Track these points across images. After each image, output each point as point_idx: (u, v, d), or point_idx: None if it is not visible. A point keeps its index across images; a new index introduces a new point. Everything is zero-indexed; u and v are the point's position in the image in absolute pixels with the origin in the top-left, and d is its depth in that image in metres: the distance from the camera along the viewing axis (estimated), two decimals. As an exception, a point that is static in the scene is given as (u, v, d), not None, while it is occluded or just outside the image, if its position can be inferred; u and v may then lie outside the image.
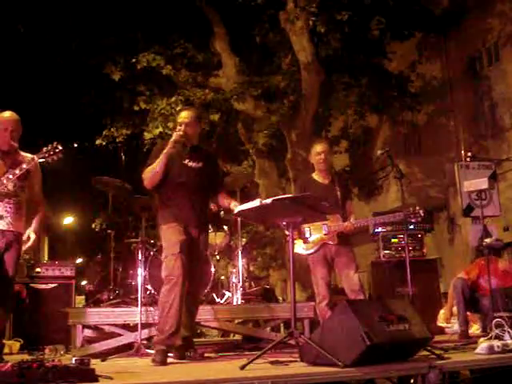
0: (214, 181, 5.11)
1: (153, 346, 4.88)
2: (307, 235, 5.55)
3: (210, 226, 6.88)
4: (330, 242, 5.53)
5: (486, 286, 6.29)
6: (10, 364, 3.26)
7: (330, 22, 10.40)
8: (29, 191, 4.82)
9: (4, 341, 7.06)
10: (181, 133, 4.79)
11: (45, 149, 4.71)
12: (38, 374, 3.18)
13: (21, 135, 4.85)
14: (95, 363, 3.85)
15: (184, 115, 5.05)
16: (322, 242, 5.55)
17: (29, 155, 4.91)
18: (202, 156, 5.05)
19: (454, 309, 7.45)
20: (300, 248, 5.60)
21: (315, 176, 5.81)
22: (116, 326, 6.00)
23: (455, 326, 7.43)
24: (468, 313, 6.87)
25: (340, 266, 5.56)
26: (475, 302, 6.65)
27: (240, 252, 7.02)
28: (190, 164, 4.96)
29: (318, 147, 5.79)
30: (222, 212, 7.18)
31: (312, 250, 5.56)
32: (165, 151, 4.76)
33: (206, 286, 6.27)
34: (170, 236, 4.80)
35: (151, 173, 4.83)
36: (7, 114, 4.80)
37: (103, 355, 5.18)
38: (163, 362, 4.44)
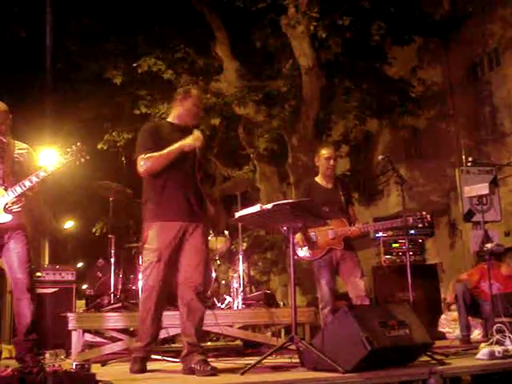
0: (201, 165, 4.67)
1: (130, 354, 4.61)
2: (313, 240, 5.54)
3: (209, 230, 6.94)
4: (337, 247, 5.52)
5: (488, 291, 6.29)
6: (10, 369, 3.25)
7: (331, 27, 10.41)
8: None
9: (4, 345, 7.07)
10: (199, 143, 4.41)
11: (69, 149, 4.69)
12: (38, 379, 3.18)
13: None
14: (95, 368, 3.85)
15: (198, 95, 4.74)
16: (328, 247, 5.53)
17: (23, 145, 4.89)
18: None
19: (455, 314, 7.45)
20: (306, 253, 5.58)
21: (319, 180, 5.80)
22: (116, 330, 6.00)
23: (456, 331, 7.43)
24: (469, 318, 6.87)
25: (345, 271, 5.54)
26: (476, 306, 6.64)
27: (241, 257, 7.02)
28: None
29: (328, 152, 5.75)
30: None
31: (318, 255, 5.55)
32: (181, 145, 4.34)
33: (206, 287, 6.12)
34: (149, 240, 4.37)
35: (157, 160, 4.33)
36: None
37: (103, 360, 5.17)
38: (141, 370, 4.27)
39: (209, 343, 7.72)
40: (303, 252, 5.58)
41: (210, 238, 6.87)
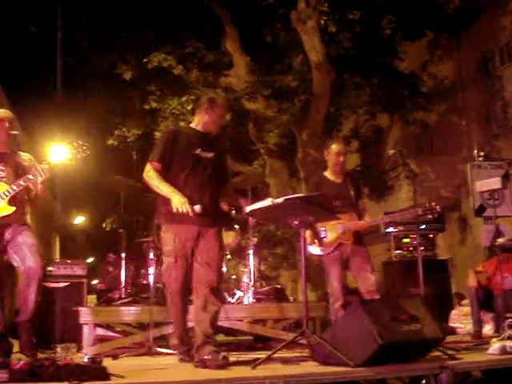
0: (222, 172, 4.81)
1: (173, 349, 4.93)
2: (323, 235, 5.53)
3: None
4: (347, 242, 5.51)
5: (500, 285, 6.27)
6: (22, 362, 3.27)
7: (342, 21, 10.38)
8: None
9: (15, 339, 7.10)
10: (186, 211, 4.31)
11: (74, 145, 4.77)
12: (50, 372, 3.20)
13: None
14: (107, 362, 3.86)
15: (224, 102, 4.94)
16: (338, 242, 5.52)
17: (26, 155, 4.96)
18: (214, 145, 4.70)
19: (467, 309, 7.43)
20: (316, 249, 5.57)
21: (328, 175, 5.78)
22: (127, 324, 6.02)
23: (467, 326, 7.41)
24: (481, 313, 6.84)
25: (355, 266, 5.53)
26: (489, 301, 6.61)
27: (251, 251, 7.02)
28: (202, 154, 4.59)
29: (338, 148, 5.73)
30: (234, 211, 7.18)
31: (328, 251, 5.54)
32: (171, 195, 4.38)
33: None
34: (166, 240, 4.53)
35: (151, 184, 4.53)
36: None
37: (115, 354, 5.19)
38: (191, 359, 4.40)
39: (219, 337, 7.73)
40: (313, 248, 5.57)
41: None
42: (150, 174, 4.54)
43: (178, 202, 4.32)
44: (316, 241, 5.53)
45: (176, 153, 4.55)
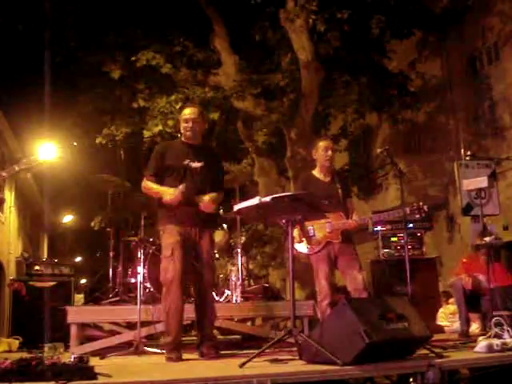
0: (214, 180, 5.12)
1: (161, 348, 5.01)
2: (311, 234, 5.53)
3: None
4: (335, 240, 5.51)
5: (486, 285, 6.30)
6: (9, 361, 3.26)
7: (330, 20, 10.37)
8: None
9: (3, 338, 7.07)
10: (175, 197, 4.83)
11: (24, 160, 4.95)
12: (37, 371, 3.19)
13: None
14: (94, 361, 3.85)
15: (189, 112, 5.09)
16: (326, 241, 5.52)
17: None
18: (203, 155, 5.05)
19: (453, 307, 7.46)
20: (304, 247, 5.58)
21: (316, 173, 5.79)
22: (115, 324, 6.00)
23: (454, 324, 7.45)
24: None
25: (343, 264, 5.54)
26: (475, 300, 6.64)
27: (239, 250, 7.02)
28: (191, 164, 4.98)
29: (325, 143, 5.76)
30: (222, 210, 7.18)
31: (316, 249, 5.54)
32: (164, 194, 4.88)
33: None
34: (164, 239, 4.93)
35: (149, 192, 5.06)
36: None
37: (102, 353, 5.18)
38: (178, 358, 4.61)
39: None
40: (301, 246, 5.58)
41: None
42: (145, 184, 5.03)
43: (167, 194, 4.82)
44: (304, 239, 5.54)
45: (167, 166, 4.99)
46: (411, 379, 3.84)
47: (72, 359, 3.47)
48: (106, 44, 12.02)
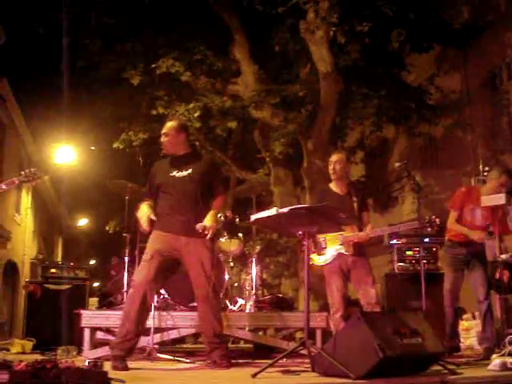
0: (209, 185, 5.14)
1: (110, 351, 4.90)
2: (323, 245, 5.53)
3: (225, 233, 6.97)
4: (346, 252, 5.51)
5: (468, 218, 6.09)
6: (23, 364, 3.28)
7: (351, 32, 10.38)
8: None
9: (17, 340, 7.13)
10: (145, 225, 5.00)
11: (23, 172, 5.01)
12: (51, 375, 3.20)
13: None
14: (107, 366, 3.87)
15: (163, 128, 5.37)
16: (337, 253, 5.52)
17: None
18: (191, 163, 5.13)
19: (467, 323, 7.41)
20: (315, 258, 5.58)
21: (332, 186, 5.80)
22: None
23: (467, 341, 7.39)
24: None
25: (356, 278, 5.53)
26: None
27: (254, 259, 7.03)
28: (176, 174, 5.09)
29: (333, 157, 5.78)
30: (238, 219, 7.20)
31: (328, 261, 5.55)
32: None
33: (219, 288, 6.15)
34: (148, 243, 5.05)
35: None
36: None
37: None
38: (123, 368, 4.46)
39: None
40: (312, 257, 5.57)
41: (223, 240, 6.92)
42: (140, 205, 5.18)
43: (141, 221, 5.03)
44: (315, 250, 5.54)
45: (158, 185, 5.14)
46: (424, 395, 3.82)
47: (87, 363, 3.49)
48: (127, 51, 12.13)
